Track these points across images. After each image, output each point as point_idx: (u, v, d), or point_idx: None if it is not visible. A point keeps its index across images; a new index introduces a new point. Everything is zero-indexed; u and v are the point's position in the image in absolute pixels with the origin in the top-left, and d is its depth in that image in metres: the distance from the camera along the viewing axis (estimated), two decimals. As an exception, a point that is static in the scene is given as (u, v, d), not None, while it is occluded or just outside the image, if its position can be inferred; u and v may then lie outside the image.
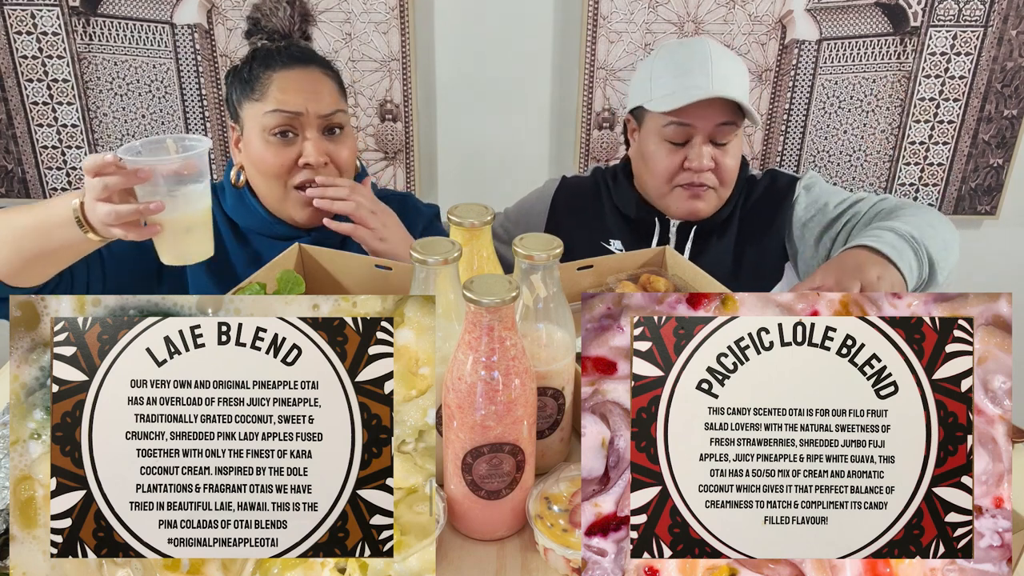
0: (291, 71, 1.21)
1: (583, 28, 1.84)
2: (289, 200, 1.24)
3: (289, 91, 1.19)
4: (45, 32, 1.85)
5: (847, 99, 1.91)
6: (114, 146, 1.96)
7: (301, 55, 1.24)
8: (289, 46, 1.24)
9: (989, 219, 2.05)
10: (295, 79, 1.20)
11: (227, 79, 1.28)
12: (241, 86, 1.23)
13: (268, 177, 1.22)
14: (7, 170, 1.98)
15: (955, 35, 1.84)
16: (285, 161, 1.21)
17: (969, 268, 2.11)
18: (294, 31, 1.26)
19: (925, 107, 1.92)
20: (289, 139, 1.20)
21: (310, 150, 1.20)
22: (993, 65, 1.87)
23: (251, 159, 1.23)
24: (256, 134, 1.21)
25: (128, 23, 1.85)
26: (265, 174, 1.22)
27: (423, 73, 1.91)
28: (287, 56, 1.22)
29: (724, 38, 1.85)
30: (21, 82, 1.90)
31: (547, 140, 1.99)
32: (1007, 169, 1.98)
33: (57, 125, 1.94)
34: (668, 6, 1.82)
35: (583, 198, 1.50)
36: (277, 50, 1.23)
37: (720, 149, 1.33)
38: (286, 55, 1.22)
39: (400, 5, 1.82)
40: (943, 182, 2.00)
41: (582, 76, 1.88)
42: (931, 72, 1.88)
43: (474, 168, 2.02)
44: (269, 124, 1.19)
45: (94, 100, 1.92)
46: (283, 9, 1.23)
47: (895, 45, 1.86)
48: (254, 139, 1.21)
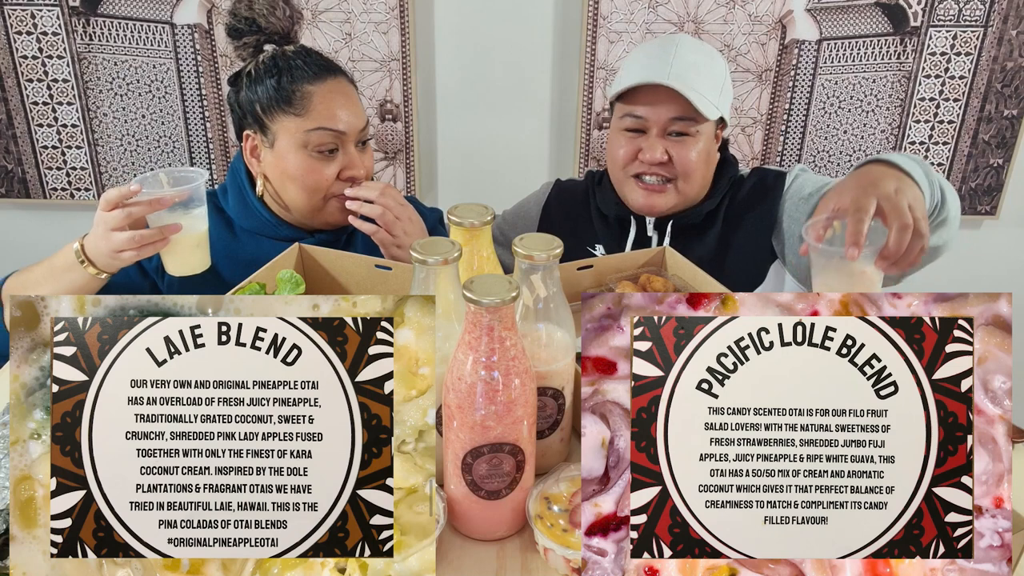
0: (324, 84, 1.21)
1: (583, 28, 1.84)
2: (327, 208, 1.26)
3: (332, 107, 1.21)
4: (45, 32, 1.85)
5: (847, 99, 1.91)
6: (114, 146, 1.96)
7: (327, 65, 1.24)
8: (309, 53, 1.24)
9: (989, 219, 2.05)
10: (332, 93, 1.22)
11: (235, 82, 1.26)
12: (272, 96, 1.21)
13: (310, 190, 1.23)
14: (7, 170, 1.99)
15: (955, 35, 1.84)
16: (330, 176, 1.23)
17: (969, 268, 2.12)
18: (291, 31, 1.25)
19: (925, 107, 1.92)
20: (333, 155, 1.22)
21: (356, 165, 1.24)
22: (993, 65, 1.87)
23: (287, 172, 1.23)
24: (295, 148, 1.21)
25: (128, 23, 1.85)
26: (306, 187, 1.23)
27: (423, 73, 1.91)
28: (315, 67, 1.22)
29: (724, 38, 1.85)
30: (21, 82, 1.90)
31: (547, 140, 1.99)
32: (1007, 169, 1.98)
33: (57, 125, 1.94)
34: (668, 6, 1.82)
35: (574, 203, 1.50)
36: (303, 60, 1.22)
37: (677, 142, 1.31)
38: (314, 66, 1.22)
39: (400, 5, 1.82)
40: (943, 182, 2.00)
41: (582, 76, 1.88)
42: (931, 72, 1.88)
43: (474, 168, 2.02)
44: (314, 141, 1.20)
45: (94, 100, 1.92)
46: (280, 8, 1.23)
47: (895, 45, 1.86)
48: (292, 153, 1.21)
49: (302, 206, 1.26)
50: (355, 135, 1.24)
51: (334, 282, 1.15)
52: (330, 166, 1.22)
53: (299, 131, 1.20)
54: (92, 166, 1.98)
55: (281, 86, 1.20)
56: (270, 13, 1.22)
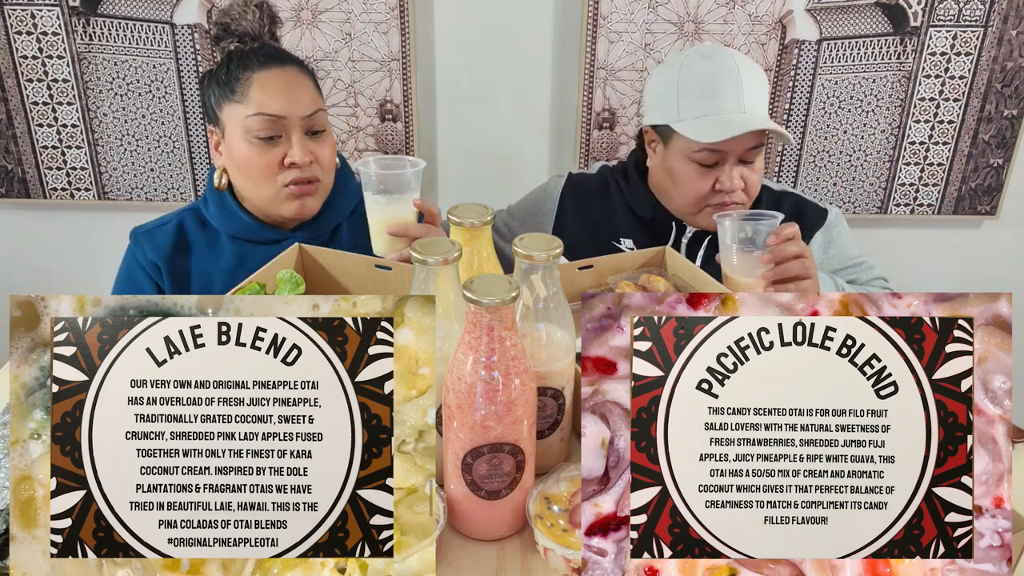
0: (269, 71, 1.21)
1: (583, 28, 1.83)
2: (279, 198, 1.25)
3: (269, 92, 1.20)
4: (45, 32, 1.85)
5: (847, 99, 1.91)
6: (114, 146, 1.96)
7: (277, 54, 1.24)
8: (263, 46, 1.24)
9: (989, 219, 2.04)
10: (274, 79, 1.21)
11: (202, 82, 1.28)
12: (219, 88, 1.23)
13: (256, 178, 1.23)
14: (7, 170, 1.98)
15: (955, 35, 1.84)
16: (272, 162, 1.22)
17: (969, 268, 2.12)
18: (264, 33, 1.25)
19: (925, 107, 1.92)
20: (274, 142, 1.21)
21: (296, 151, 1.21)
22: (993, 65, 1.87)
23: (235, 162, 1.24)
24: (239, 136, 1.21)
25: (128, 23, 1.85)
26: (252, 175, 1.23)
27: (423, 73, 1.91)
28: (263, 56, 1.22)
29: (724, 38, 1.85)
30: (21, 82, 1.90)
31: (547, 140, 1.99)
32: (1007, 169, 1.98)
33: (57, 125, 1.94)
34: (668, 6, 1.82)
35: (591, 196, 1.49)
36: (252, 51, 1.23)
37: (748, 167, 1.33)
38: (261, 55, 1.22)
39: (400, 5, 1.82)
40: (943, 182, 2.00)
41: (582, 76, 1.88)
42: (931, 72, 1.88)
43: (474, 168, 2.01)
44: (252, 127, 1.20)
45: (94, 100, 1.92)
46: (252, 12, 1.24)
47: (895, 45, 1.86)
48: (237, 141, 1.22)
49: (255, 196, 1.26)
50: (298, 121, 1.21)
51: (334, 282, 1.15)
52: (271, 152, 1.21)
53: (240, 118, 1.20)
54: (92, 166, 1.98)
55: (229, 75, 1.21)
56: (241, 17, 1.23)
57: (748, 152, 1.30)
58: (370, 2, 1.82)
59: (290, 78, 1.23)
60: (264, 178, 1.23)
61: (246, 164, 1.22)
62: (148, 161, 1.98)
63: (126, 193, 2.01)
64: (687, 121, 1.30)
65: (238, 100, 1.20)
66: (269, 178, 1.23)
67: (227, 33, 1.24)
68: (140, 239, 1.30)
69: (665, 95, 1.34)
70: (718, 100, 1.29)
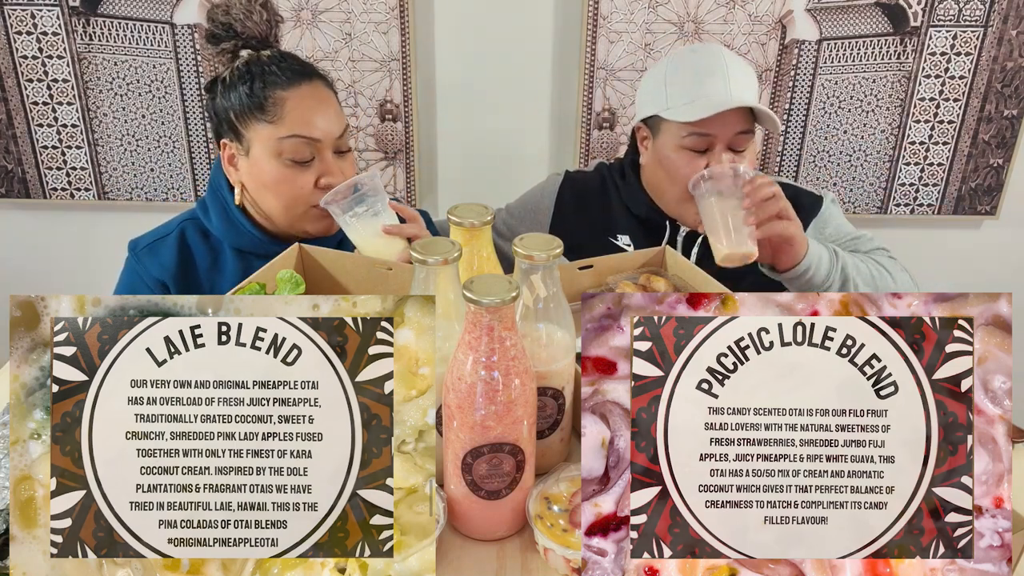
0: (299, 89, 1.18)
1: (583, 28, 1.84)
2: (307, 217, 1.23)
3: (306, 113, 1.18)
4: (45, 32, 1.85)
5: (847, 99, 1.91)
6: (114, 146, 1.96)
7: (302, 69, 1.21)
8: (284, 58, 1.21)
9: (989, 219, 2.04)
10: (306, 100, 1.18)
11: (210, 90, 1.23)
12: (244, 103, 1.18)
13: (286, 199, 1.21)
14: (7, 170, 1.98)
15: (955, 35, 1.84)
16: (306, 184, 1.20)
17: (969, 268, 2.12)
18: (269, 35, 1.22)
19: (925, 107, 1.92)
20: (307, 164, 1.20)
21: (333, 173, 1.20)
22: (993, 65, 1.87)
23: (262, 181, 1.21)
24: (268, 155, 1.19)
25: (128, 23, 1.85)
26: (282, 197, 1.21)
27: (423, 73, 1.91)
28: (289, 71, 1.19)
29: (724, 38, 1.85)
30: (21, 82, 1.90)
31: (547, 140, 1.99)
32: (1007, 169, 1.98)
33: (57, 125, 1.94)
34: (668, 6, 1.82)
35: (589, 193, 1.49)
36: (277, 66, 1.19)
37: (738, 156, 1.32)
38: (288, 70, 1.19)
39: (400, 5, 1.82)
40: (943, 182, 2.00)
41: (582, 76, 1.88)
42: (931, 72, 1.88)
43: (474, 168, 2.01)
44: (287, 150, 1.18)
45: (94, 100, 1.92)
46: (257, 12, 1.19)
47: (895, 45, 1.86)
48: (266, 160, 1.19)
49: (280, 216, 1.23)
50: (331, 142, 1.20)
51: (334, 282, 1.15)
52: (305, 175, 1.19)
53: (272, 139, 1.17)
54: (92, 166, 1.98)
55: (254, 92, 1.17)
56: (246, 18, 1.18)
57: (737, 138, 1.30)
58: (370, 2, 1.82)
59: (320, 96, 1.21)
60: (295, 199, 1.21)
61: (277, 186, 1.20)
62: (148, 161, 1.98)
63: (126, 193, 2.01)
64: (675, 108, 1.32)
65: (269, 120, 1.17)
66: (300, 199, 1.21)
67: (229, 34, 1.19)
68: (141, 255, 1.27)
69: (653, 89, 1.36)
70: (705, 86, 1.30)
